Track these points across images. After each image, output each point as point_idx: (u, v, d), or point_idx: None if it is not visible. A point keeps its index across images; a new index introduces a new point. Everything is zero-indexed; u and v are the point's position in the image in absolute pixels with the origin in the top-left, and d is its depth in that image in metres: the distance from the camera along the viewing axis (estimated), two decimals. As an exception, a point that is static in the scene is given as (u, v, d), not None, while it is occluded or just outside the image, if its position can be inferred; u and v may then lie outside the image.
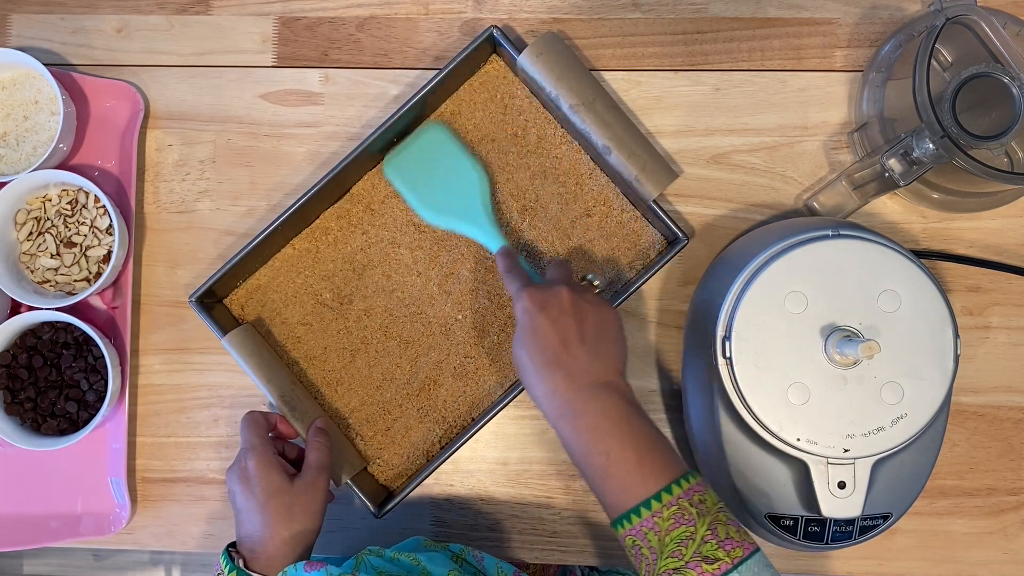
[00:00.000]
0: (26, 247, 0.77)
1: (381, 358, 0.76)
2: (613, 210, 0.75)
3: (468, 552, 0.68)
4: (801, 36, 0.77)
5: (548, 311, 0.61)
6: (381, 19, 0.79)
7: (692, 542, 0.53)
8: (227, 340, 0.73)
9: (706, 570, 0.52)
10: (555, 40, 0.72)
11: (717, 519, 0.54)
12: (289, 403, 0.72)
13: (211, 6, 0.80)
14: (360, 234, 0.77)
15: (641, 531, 0.54)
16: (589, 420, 0.58)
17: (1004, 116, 0.67)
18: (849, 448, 0.62)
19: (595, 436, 0.57)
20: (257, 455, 0.66)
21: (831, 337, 0.62)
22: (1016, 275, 0.75)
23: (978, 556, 0.75)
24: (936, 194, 0.73)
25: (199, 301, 0.74)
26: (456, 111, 0.77)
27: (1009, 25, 0.68)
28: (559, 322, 0.60)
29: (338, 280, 0.77)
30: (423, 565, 0.64)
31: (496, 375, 0.75)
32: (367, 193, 0.77)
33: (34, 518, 0.79)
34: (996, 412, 0.75)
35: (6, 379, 0.75)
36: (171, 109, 0.80)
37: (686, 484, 0.55)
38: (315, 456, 0.69)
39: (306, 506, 0.65)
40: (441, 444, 0.76)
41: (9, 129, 0.78)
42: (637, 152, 0.71)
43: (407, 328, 0.76)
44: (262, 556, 0.63)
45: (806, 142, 0.77)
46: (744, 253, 0.68)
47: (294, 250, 0.77)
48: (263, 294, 0.77)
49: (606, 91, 0.73)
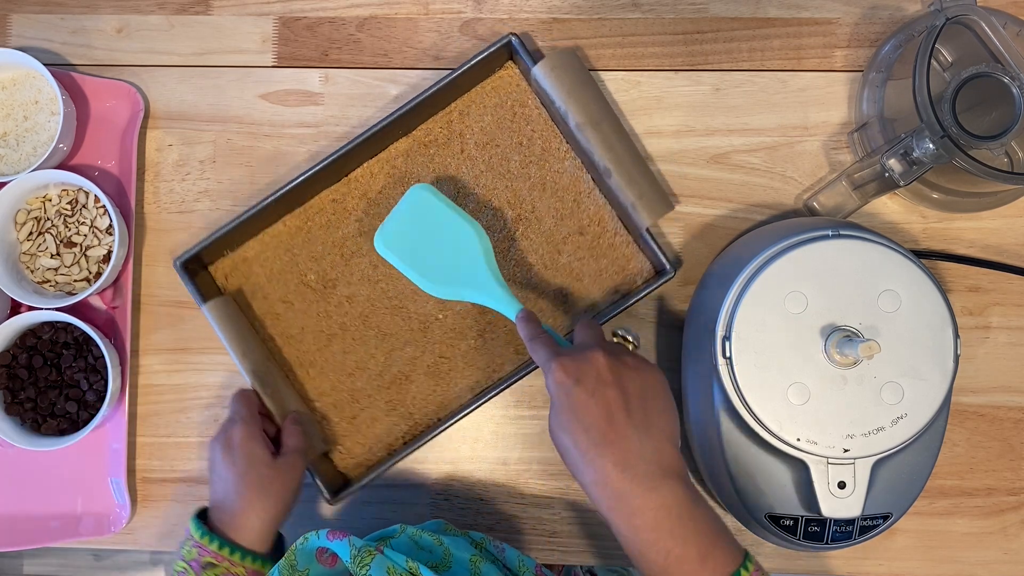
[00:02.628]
0: (26, 247, 0.77)
1: (357, 346, 0.76)
2: (606, 232, 0.75)
3: (488, 542, 0.67)
4: (801, 36, 0.77)
5: (585, 383, 0.53)
6: (381, 19, 0.79)
7: None
8: (207, 307, 0.73)
9: None
10: (571, 56, 0.72)
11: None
12: (261, 378, 0.72)
13: (211, 6, 0.80)
14: (353, 221, 0.77)
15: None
16: (647, 518, 0.52)
17: (1004, 116, 0.67)
18: (849, 448, 0.62)
19: (654, 536, 0.52)
20: (245, 426, 0.66)
21: (831, 337, 0.62)
22: (1016, 275, 0.75)
23: (978, 556, 0.75)
24: (936, 194, 0.73)
25: (184, 265, 0.74)
26: (465, 111, 0.76)
27: (1009, 25, 0.68)
28: (599, 394, 0.53)
29: (325, 263, 0.77)
30: (446, 546, 0.62)
31: (468, 379, 0.75)
32: (365, 181, 0.77)
33: (34, 518, 0.79)
34: (996, 412, 0.75)
35: (6, 379, 0.75)
36: (171, 109, 0.80)
37: (745, 573, 0.52)
38: (294, 441, 0.69)
39: (284, 484, 0.66)
40: (404, 440, 0.76)
41: (9, 129, 0.78)
42: (637, 178, 0.71)
43: (387, 320, 0.76)
44: (234, 525, 0.63)
45: (806, 142, 0.77)
46: (744, 253, 0.68)
47: (285, 227, 0.77)
48: (248, 267, 0.77)
49: (615, 113, 0.73)
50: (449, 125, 0.76)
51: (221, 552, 0.62)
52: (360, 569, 0.57)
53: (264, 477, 0.64)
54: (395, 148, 0.77)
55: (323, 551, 0.62)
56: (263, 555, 0.64)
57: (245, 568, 0.62)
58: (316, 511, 0.78)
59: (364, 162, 0.77)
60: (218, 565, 0.61)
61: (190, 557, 0.62)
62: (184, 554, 0.62)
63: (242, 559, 0.62)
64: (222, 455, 0.65)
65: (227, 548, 0.62)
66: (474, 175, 0.76)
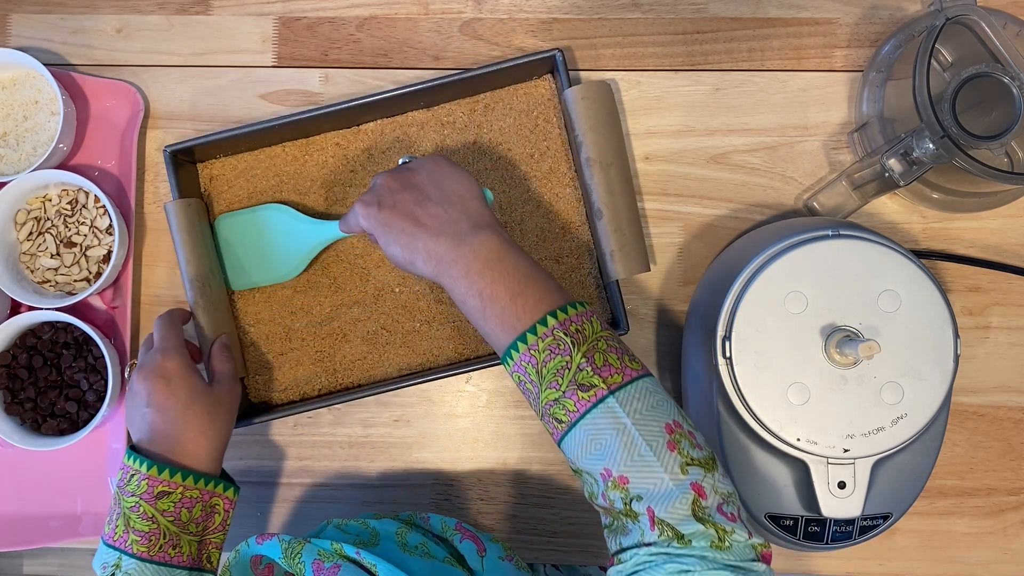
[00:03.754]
0: (26, 247, 0.77)
1: (308, 289, 0.76)
2: (580, 269, 0.75)
3: (416, 516, 0.70)
4: (801, 36, 0.77)
5: (383, 200, 0.60)
6: (381, 19, 0.79)
7: (568, 371, 0.52)
8: (172, 205, 0.72)
9: (582, 397, 0.52)
10: (605, 91, 0.71)
11: (595, 347, 0.53)
12: (202, 287, 0.72)
13: (211, 6, 0.80)
14: (349, 171, 0.77)
15: (521, 366, 0.54)
16: (461, 265, 0.57)
17: (1004, 116, 0.67)
18: (849, 448, 0.62)
19: (467, 280, 0.56)
20: (180, 356, 0.66)
21: (831, 337, 0.62)
22: (1016, 275, 0.75)
23: (978, 556, 0.75)
24: (936, 194, 0.73)
25: (173, 155, 0.73)
26: (491, 105, 0.76)
27: (1009, 25, 0.68)
28: (397, 200, 0.60)
29: (308, 200, 0.77)
30: (372, 528, 0.65)
31: (401, 358, 0.76)
32: (373, 136, 0.77)
33: (34, 518, 0.79)
34: (996, 412, 0.75)
35: (6, 379, 0.75)
36: (171, 109, 0.80)
37: (563, 315, 0.54)
38: (227, 367, 0.70)
39: (228, 409, 0.67)
40: (319, 393, 0.76)
41: (9, 129, 0.78)
42: (624, 230, 0.71)
43: (345, 275, 0.76)
44: (182, 452, 0.63)
45: (806, 142, 0.77)
46: (744, 253, 0.68)
47: (283, 151, 0.77)
48: (234, 177, 0.77)
49: (627, 160, 0.73)
50: (472, 113, 0.76)
51: (174, 479, 0.61)
52: (292, 560, 0.59)
53: (208, 404, 0.65)
54: (413, 116, 0.77)
55: (257, 561, 0.62)
56: (215, 477, 0.64)
57: (200, 490, 0.62)
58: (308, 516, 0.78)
59: (379, 119, 0.77)
60: (172, 492, 0.61)
61: (140, 491, 0.61)
62: (132, 490, 0.61)
63: (195, 482, 0.62)
64: (160, 386, 0.64)
65: (179, 474, 0.61)
66: (477, 169, 0.76)
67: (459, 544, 0.67)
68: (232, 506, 0.65)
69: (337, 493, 0.78)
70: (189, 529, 0.62)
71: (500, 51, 0.78)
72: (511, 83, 0.76)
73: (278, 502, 0.78)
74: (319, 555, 0.58)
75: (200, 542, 0.63)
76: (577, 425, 0.52)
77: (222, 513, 0.64)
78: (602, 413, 0.51)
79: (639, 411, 0.51)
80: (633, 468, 0.50)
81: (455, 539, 0.67)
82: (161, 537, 0.60)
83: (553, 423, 0.54)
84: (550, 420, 0.54)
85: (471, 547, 0.66)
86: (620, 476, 0.51)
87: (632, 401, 0.52)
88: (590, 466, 0.52)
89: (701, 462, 0.51)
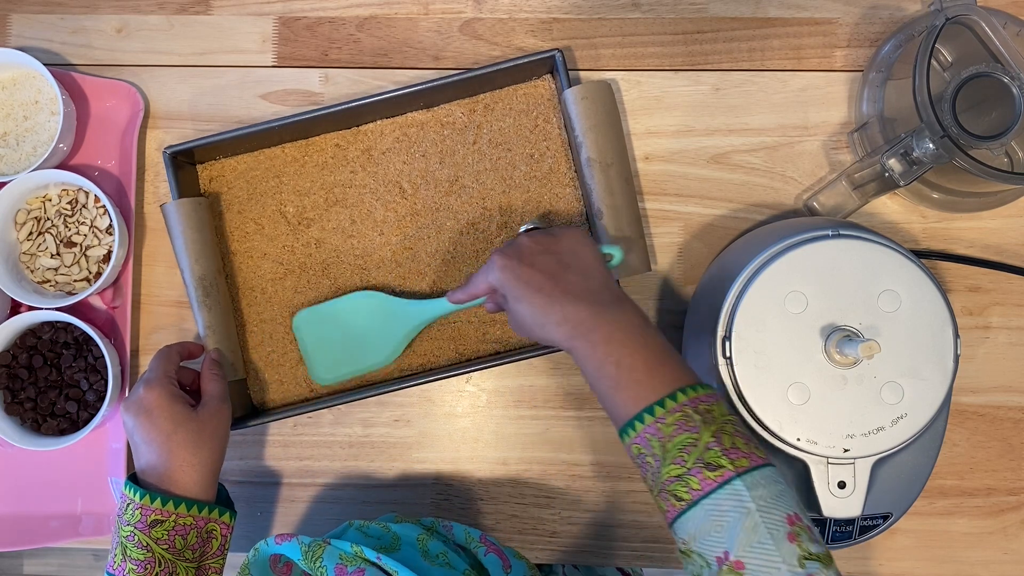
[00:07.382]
0: (26, 247, 0.77)
1: (308, 289, 0.77)
2: None
3: (439, 524, 0.69)
4: (801, 36, 0.77)
5: (523, 258, 0.61)
6: (381, 19, 0.79)
7: (695, 448, 0.52)
8: (174, 205, 0.72)
9: (707, 477, 0.51)
10: (605, 91, 0.71)
11: (723, 429, 0.53)
12: (205, 288, 0.72)
13: (211, 6, 0.80)
14: (348, 172, 0.77)
15: (645, 438, 0.54)
16: (603, 332, 0.57)
17: (1004, 116, 0.67)
18: (849, 448, 0.62)
19: (608, 347, 0.56)
20: (158, 387, 0.65)
21: (831, 337, 0.62)
22: (1016, 275, 0.75)
23: (978, 556, 0.75)
24: (936, 194, 0.73)
25: (173, 156, 0.73)
26: (491, 105, 0.76)
27: (1009, 25, 0.68)
28: (538, 261, 0.60)
29: (307, 201, 0.77)
30: (394, 532, 0.65)
31: (400, 359, 0.75)
32: (373, 137, 0.77)
33: (34, 518, 0.79)
34: (996, 412, 0.75)
35: (6, 379, 0.75)
36: (171, 109, 0.80)
37: (693, 393, 0.54)
38: (215, 387, 0.69)
39: (213, 432, 0.66)
40: (319, 395, 0.76)
41: (9, 129, 0.78)
42: (624, 230, 0.71)
43: (345, 275, 0.76)
44: (172, 481, 0.63)
45: (806, 142, 0.77)
46: (744, 253, 0.68)
47: (282, 152, 0.77)
48: (234, 178, 0.77)
49: (627, 160, 0.73)
50: (471, 113, 0.76)
51: (166, 507, 0.61)
52: (313, 563, 0.59)
53: (192, 432, 0.64)
54: (412, 117, 0.77)
55: (276, 560, 0.62)
56: (209, 503, 0.64)
57: (193, 517, 0.62)
58: (309, 516, 0.78)
59: (378, 120, 0.77)
60: (165, 520, 0.61)
61: (134, 520, 0.61)
62: (128, 519, 0.61)
63: (188, 509, 0.62)
64: (142, 420, 0.64)
65: (171, 502, 0.62)
66: (477, 170, 0.76)
67: (483, 557, 0.66)
68: (230, 530, 0.65)
69: (337, 493, 0.78)
70: (185, 556, 0.62)
71: (500, 51, 0.78)
72: (511, 83, 0.76)
73: (278, 502, 0.79)
74: (341, 559, 0.58)
75: (198, 568, 0.63)
76: (699, 504, 0.51)
77: (219, 538, 0.64)
78: (727, 495, 0.51)
79: (764, 498, 0.51)
80: (752, 555, 0.49)
81: (479, 551, 0.67)
82: (156, 565, 0.60)
83: (671, 500, 0.53)
84: (668, 497, 0.53)
85: (496, 562, 0.66)
86: (736, 560, 0.49)
87: (758, 487, 0.51)
88: (706, 548, 0.51)
89: (820, 557, 0.49)
